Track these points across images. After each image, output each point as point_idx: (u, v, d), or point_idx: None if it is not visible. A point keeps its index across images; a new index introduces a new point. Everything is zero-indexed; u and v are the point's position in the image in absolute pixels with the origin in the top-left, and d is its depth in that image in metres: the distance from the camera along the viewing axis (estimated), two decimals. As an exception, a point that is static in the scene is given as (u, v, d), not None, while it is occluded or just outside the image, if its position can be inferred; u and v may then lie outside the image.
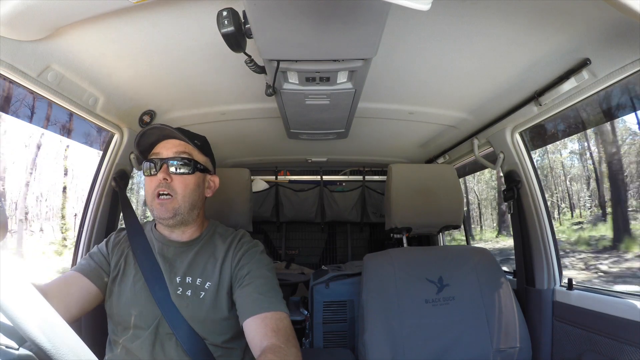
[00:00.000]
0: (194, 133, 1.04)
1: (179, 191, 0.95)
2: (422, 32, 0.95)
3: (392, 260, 1.36)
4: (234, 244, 1.01)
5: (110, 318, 0.95)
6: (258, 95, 1.23)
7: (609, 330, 1.09)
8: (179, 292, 0.93)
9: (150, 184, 0.95)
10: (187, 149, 0.98)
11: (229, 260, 0.98)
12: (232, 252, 0.99)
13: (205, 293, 0.94)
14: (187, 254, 0.99)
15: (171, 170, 0.95)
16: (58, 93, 1.04)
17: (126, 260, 0.98)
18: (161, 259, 0.96)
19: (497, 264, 1.39)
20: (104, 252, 1.00)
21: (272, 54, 0.86)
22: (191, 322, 0.91)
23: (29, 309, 0.34)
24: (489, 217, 6.34)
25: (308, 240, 2.98)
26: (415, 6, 0.53)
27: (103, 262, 0.98)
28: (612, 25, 0.84)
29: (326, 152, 2.27)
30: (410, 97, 1.40)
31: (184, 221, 0.97)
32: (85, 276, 0.93)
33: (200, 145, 1.01)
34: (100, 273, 0.96)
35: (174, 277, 0.94)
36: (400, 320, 1.26)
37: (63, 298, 0.86)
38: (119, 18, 0.85)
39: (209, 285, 0.95)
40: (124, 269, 0.97)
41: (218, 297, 0.94)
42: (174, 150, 0.97)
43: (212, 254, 0.99)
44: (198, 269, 0.96)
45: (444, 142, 1.89)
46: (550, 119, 1.30)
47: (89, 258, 0.98)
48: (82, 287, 0.92)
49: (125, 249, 1.00)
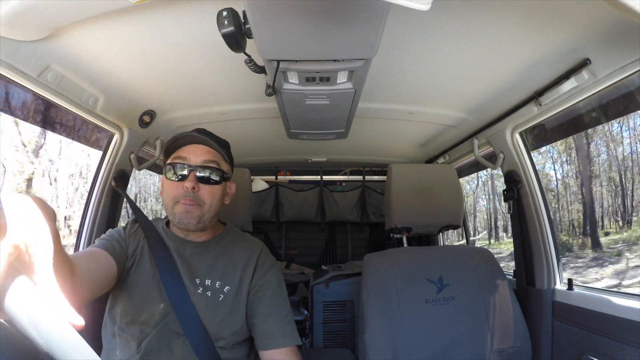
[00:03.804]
0: (221, 139, 1.02)
1: (207, 201, 0.93)
2: (422, 32, 0.95)
3: (392, 260, 1.36)
4: (255, 254, 1.02)
5: (116, 308, 0.92)
6: (258, 95, 1.23)
7: (609, 330, 1.09)
8: (199, 292, 0.93)
9: (175, 189, 0.92)
10: (216, 158, 0.96)
11: (250, 269, 0.99)
12: (254, 263, 1.00)
13: (224, 296, 0.94)
14: (206, 255, 0.98)
15: (199, 178, 0.92)
16: (58, 93, 1.04)
17: (142, 252, 0.95)
18: (179, 258, 0.95)
19: (497, 264, 1.39)
20: (124, 238, 0.96)
21: (272, 54, 0.86)
22: (206, 323, 0.90)
23: (23, 302, 0.34)
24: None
25: (308, 240, 2.98)
26: (415, 6, 0.53)
27: (124, 247, 0.94)
28: (612, 25, 0.84)
29: (326, 152, 2.27)
30: (410, 97, 1.40)
31: (204, 228, 0.97)
32: (111, 256, 0.88)
33: (226, 153, 0.99)
34: (123, 257, 0.92)
35: (194, 278, 0.94)
36: (400, 320, 1.26)
37: (90, 273, 0.79)
38: (119, 18, 0.85)
39: (227, 289, 0.95)
40: (138, 260, 0.94)
41: (236, 302, 0.95)
42: (203, 157, 0.94)
43: (231, 258, 1.00)
44: (218, 272, 0.97)
45: (443, 142, 1.89)
46: (550, 119, 1.30)
47: (111, 239, 0.93)
48: (107, 265, 0.86)
49: (140, 240, 0.97)
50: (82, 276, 0.72)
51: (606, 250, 4.20)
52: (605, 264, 4.03)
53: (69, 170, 4.37)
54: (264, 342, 0.96)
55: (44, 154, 3.96)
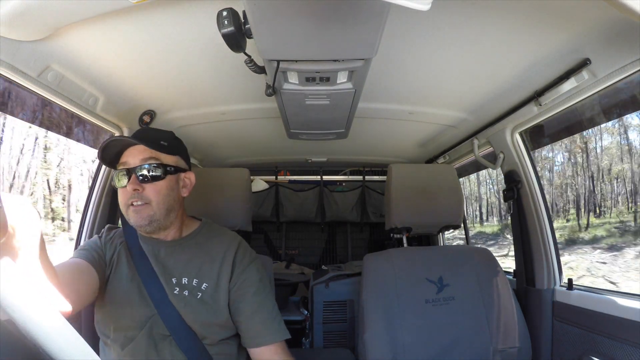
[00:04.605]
0: (160, 132, 1.00)
1: (153, 198, 0.91)
2: (422, 32, 0.95)
3: (392, 260, 1.36)
4: (232, 249, 1.00)
5: (101, 317, 0.92)
6: (258, 95, 1.23)
7: (609, 330, 1.09)
8: (175, 292, 0.92)
9: (123, 195, 0.91)
10: (152, 154, 0.93)
11: (227, 265, 0.97)
12: (231, 259, 0.98)
13: (203, 294, 0.94)
14: (180, 253, 0.97)
15: (140, 178, 0.91)
16: (58, 93, 1.04)
17: (118, 257, 0.95)
18: (154, 259, 0.95)
19: (497, 264, 1.39)
20: (101, 247, 0.96)
21: (272, 54, 0.86)
22: (190, 323, 0.90)
23: (29, 305, 0.34)
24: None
25: (308, 240, 2.98)
26: (415, 6, 0.52)
27: (102, 256, 0.94)
28: (612, 25, 0.84)
29: (326, 152, 2.27)
30: (410, 97, 1.40)
31: (161, 226, 0.93)
32: (92, 266, 0.88)
33: (167, 146, 0.96)
34: (103, 266, 0.92)
35: (170, 278, 0.93)
36: (401, 320, 1.26)
37: (74, 284, 0.79)
38: (119, 18, 0.84)
39: (205, 286, 0.94)
40: (115, 267, 0.94)
41: (216, 298, 0.94)
42: (139, 157, 0.92)
43: (207, 254, 0.98)
44: (194, 270, 0.95)
45: (443, 142, 1.89)
46: (550, 119, 1.30)
47: (90, 249, 0.93)
48: (90, 275, 0.87)
49: (116, 247, 0.97)
50: (67, 287, 0.71)
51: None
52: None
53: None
54: (252, 340, 0.96)
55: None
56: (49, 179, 6.01)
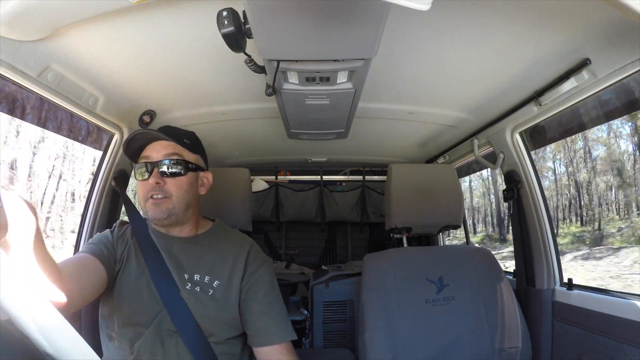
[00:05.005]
0: (182, 131, 1.02)
1: (173, 192, 0.94)
2: (422, 32, 0.95)
3: (392, 260, 1.36)
4: (245, 250, 1.02)
5: (108, 312, 0.92)
6: (258, 95, 1.23)
7: (609, 330, 1.09)
8: (187, 288, 0.93)
9: (143, 188, 0.94)
10: (176, 150, 0.96)
11: (240, 265, 0.99)
12: (244, 259, 1.00)
13: (214, 291, 0.94)
14: (193, 250, 0.98)
15: (162, 172, 0.94)
16: (58, 93, 1.04)
17: (128, 253, 0.96)
18: (167, 254, 0.96)
19: (497, 264, 1.39)
20: (111, 242, 0.96)
21: (272, 54, 0.86)
22: (199, 319, 0.90)
23: (26, 303, 0.34)
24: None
25: (308, 240, 2.98)
26: (415, 6, 0.52)
27: (112, 251, 0.95)
28: (612, 25, 0.84)
29: (326, 152, 2.27)
30: (410, 97, 1.40)
31: (178, 221, 0.97)
32: (100, 261, 0.88)
33: (190, 144, 0.99)
34: (112, 261, 0.92)
35: (182, 273, 0.94)
36: (401, 320, 1.26)
37: (78, 279, 0.80)
38: (119, 18, 0.85)
39: (217, 284, 0.95)
40: (126, 262, 0.95)
41: (227, 296, 0.95)
42: (163, 152, 0.95)
43: (219, 253, 1.00)
44: (206, 267, 0.97)
45: (443, 142, 1.89)
46: (550, 119, 1.30)
47: (99, 243, 0.94)
48: (96, 270, 0.87)
49: (128, 242, 0.98)
50: (71, 282, 0.72)
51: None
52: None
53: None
54: (259, 339, 0.96)
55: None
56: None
